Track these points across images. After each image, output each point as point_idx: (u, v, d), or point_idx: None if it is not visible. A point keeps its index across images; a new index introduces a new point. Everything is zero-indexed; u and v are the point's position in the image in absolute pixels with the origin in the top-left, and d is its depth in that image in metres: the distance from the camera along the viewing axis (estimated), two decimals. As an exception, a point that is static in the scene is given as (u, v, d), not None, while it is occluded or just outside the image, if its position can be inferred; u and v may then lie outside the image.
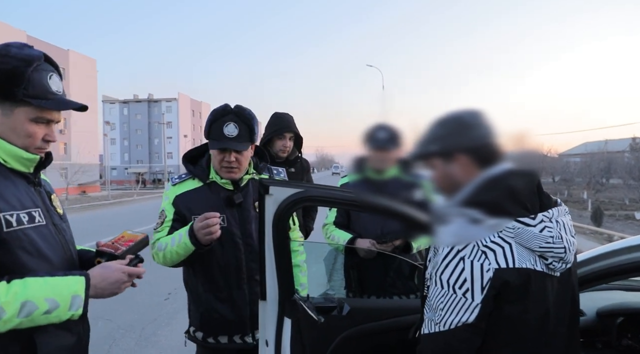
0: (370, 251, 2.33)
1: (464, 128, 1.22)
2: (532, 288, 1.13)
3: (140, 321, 5.04)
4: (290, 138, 3.02)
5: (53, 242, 1.33)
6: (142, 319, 5.12)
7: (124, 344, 4.42)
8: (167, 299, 5.83)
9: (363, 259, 2.38)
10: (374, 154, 2.28)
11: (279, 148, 2.98)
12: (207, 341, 2.02)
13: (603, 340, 1.97)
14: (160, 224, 1.99)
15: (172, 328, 4.84)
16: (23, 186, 1.31)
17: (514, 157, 1.22)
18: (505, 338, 1.15)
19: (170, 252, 1.88)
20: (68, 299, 1.23)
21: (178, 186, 2.02)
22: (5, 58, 1.24)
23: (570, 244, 1.17)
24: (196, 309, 2.04)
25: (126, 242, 1.46)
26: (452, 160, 1.22)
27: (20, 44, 1.31)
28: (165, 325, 4.94)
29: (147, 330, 4.80)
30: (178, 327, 4.89)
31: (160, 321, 5.07)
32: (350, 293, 2.51)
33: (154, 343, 4.48)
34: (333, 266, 2.90)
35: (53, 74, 1.31)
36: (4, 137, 1.27)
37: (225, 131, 1.89)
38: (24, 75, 1.23)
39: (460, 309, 1.13)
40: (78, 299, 1.25)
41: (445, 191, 1.27)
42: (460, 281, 1.12)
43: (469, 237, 1.14)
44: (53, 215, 1.38)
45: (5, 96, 1.24)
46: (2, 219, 1.19)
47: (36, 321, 1.19)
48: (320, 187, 1.68)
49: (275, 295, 1.66)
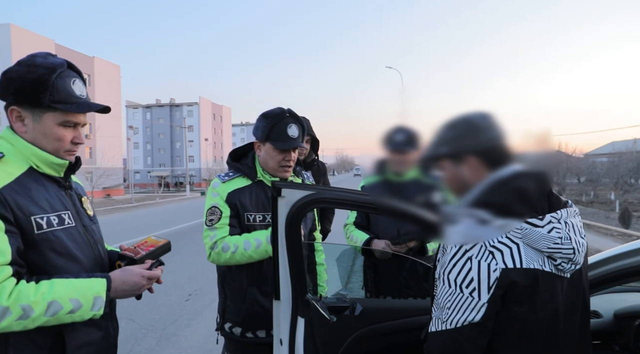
0: (385, 252, 2.35)
1: (474, 130, 1.23)
2: (540, 288, 1.13)
3: (161, 322, 5.15)
4: (307, 141, 3.07)
5: (82, 243, 1.40)
6: (164, 319, 5.23)
7: (146, 343, 4.52)
8: (187, 300, 5.93)
9: (379, 259, 2.41)
10: (393, 156, 2.30)
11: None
12: (246, 336, 2.09)
13: (620, 343, 1.94)
14: (217, 220, 2.04)
15: (193, 329, 4.93)
16: (54, 189, 1.38)
17: (526, 158, 1.23)
18: (514, 338, 1.16)
19: (242, 255, 1.98)
20: (90, 300, 1.30)
21: (228, 183, 2.11)
22: (31, 67, 1.31)
23: (579, 245, 1.18)
24: (237, 304, 2.10)
25: (148, 247, 1.52)
26: (462, 162, 1.24)
27: (44, 53, 1.38)
28: (185, 326, 5.03)
29: (168, 330, 4.90)
30: (198, 327, 4.99)
31: (180, 322, 5.16)
32: (367, 292, 2.54)
33: (175, 342, 4.57)
34: (352, 267, 2.93)
35: (76, 79, 1.37)
36: (36, 143, 1.34)
37: (289, 132, 2.03)
38: (48, 82, 1.30)
39: (467, 308, 1.15)
40: (100, 300, 1.32)
41: (455, 192, 1.29)
42: (467, 280, 1.14)
43: (477, 237, 1.16)
44: (83, 217, 1.46)
45: (33, 103, 1.31)
46: (33, 222, 1.26)
47: (61, 320, 1.26)
48: (331, 189, 1.71)
49: (288, 295, 1.69)
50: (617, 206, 21.96)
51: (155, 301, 5.70)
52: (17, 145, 1.33)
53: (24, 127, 1.34)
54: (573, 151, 38.12)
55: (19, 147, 1.33)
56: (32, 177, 1.33)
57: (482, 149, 1.22)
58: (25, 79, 1.29)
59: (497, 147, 1.22)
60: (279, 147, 2.03)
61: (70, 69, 1.38)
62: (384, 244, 2.36)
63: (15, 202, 1.24)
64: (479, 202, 1.16)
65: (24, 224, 1.25)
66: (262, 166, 2.12)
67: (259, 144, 2.11)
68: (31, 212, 1.27)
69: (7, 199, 1.23)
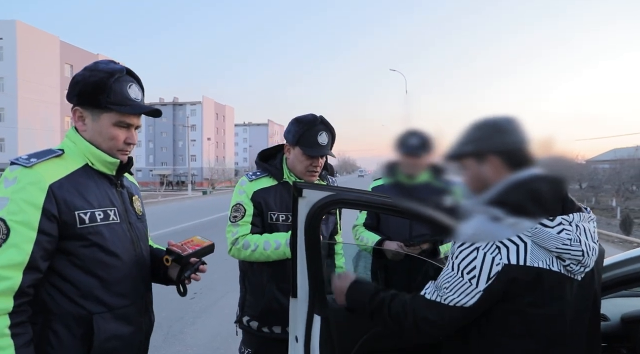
0: (398, 253, 2.38)
1: (499, 132, 1.29)
2: (544, 286, 1.19)
3: (168, 319, 5.20)
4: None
5: (124, 239, 1.47)
6: (170, 317, 5.28)
7: (153, 340, 4.51)
8: (193, 299, 5.98)
9: (390, 260, 2.44)
10: (406, 159, 2.33)
11: None
12: (262, 330, 2.16)
13: (627, 346, 1.98)
14: (241, 217, 2.12)
15: (198, 327, 4.99)
16: (105, 186, 1.47)
17: (544, 163, 1.28)
18: (517, 331, 1.23)
19: (261, 254, 2.06)
20: None
21: (255, 182, 2.19)
22: (93, 72, 1.43)
23: (589, 249, 1.22)
24: (256, 299, 2.17)
25: (194, 246, 1.60)
26: (485, 161, 1.29)
27: (107, 61, 1.50)
28: (191, 324, 5.09)
29: (175, 328, 4.95)
30: (204, 325, 5.04)
31: (186, 320, 5.22)
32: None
33: (181, 340, 4.62)
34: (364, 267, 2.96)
35: (133, 84, 1.48)
36: (93, 141, 1.44)
37: (319, 139, 2.11)
38: (106, 85, 1.41)
39: (462, 292, 1.23)
40: None
41: (474, 189, 1.35)
42: (470, 267, 1.22)
43: (490, 234, 1.22)
44: (130, 214, 1.54)
45: (92, 104, 1.42)
46: (76, 216, 1.34)
47: None
48: (350, 190, 1.76)
49: (305, 293, 1.73)
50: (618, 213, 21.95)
51: (162, 299, 5.71)
52: (78, 143, 1.44)
53: (84, 127, 1.45)
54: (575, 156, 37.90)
55: (79, 145, 1.44)
56: (86, 173, 1.43)
57: (506, 150, 1.28)
58: (88, 82, 1.41)
59: (519, 150, 1.28)
60: (308, 153, 2.10)
61: (129, 75, 1.49)
62: (396, 245, 2.40)
63: (63, 197, 1.32)
64: (495, 201, 1.22)
65: (68, 218, 1.33)
66: (290, 168, 2.20)
67: (289, 147, 2.19)
68: (76, 207, 1.35)
69: (56, 194, 1.31)
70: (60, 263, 1.34)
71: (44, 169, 1.33)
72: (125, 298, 1.46)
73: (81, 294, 1.35)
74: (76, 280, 1.35)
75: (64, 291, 1.34)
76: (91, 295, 1.37)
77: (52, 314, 1.32)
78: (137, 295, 1.52)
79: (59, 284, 1.34)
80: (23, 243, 1.25)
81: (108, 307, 1.40)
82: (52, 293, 1.33)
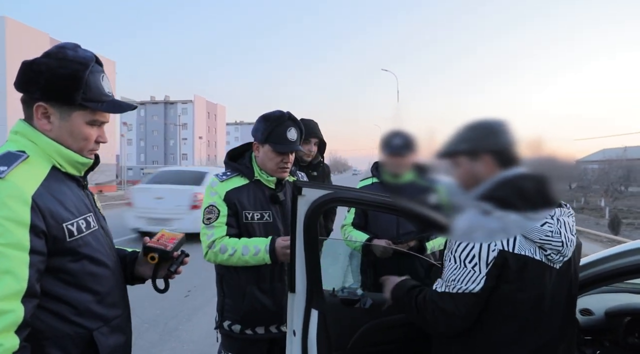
0: (386, 251, 2.46)
1: (491, 133, 1.39)
2: (528, 273, 1.35)
3: (163, 316, 5.23)
4: (315, 143, 3.18)
5: (105, 245, 1.36)
6: (165, 314, 5.31)
7: (149, 337, 4.60)
8: (187, 296, 6.01)
9: (379, 258, 2.51)
10: (390, 159, 2.41)
11: (303, 152, 3.13)
12: (245, 332, 2.12)
13: (610, 338, 2.07)
14: (215, 218, 2.07)
15: (193, 323, 5.02)
16: (76, 189, 1.31)
17: (530, 163, 1.35)
18: (505, 313, 1.38)
19: (239, 259, 2.02)
20: None
21: (226, 182, 2.14)
22: (62, 61, 1.21)
23: (568, 241, 1.38)
24: (236, 302, 2.13)
25: (169, 239, 1.55)
26: (478, 159, 1.40)
27: (72, 44, 1.28)
28: (186, 320, 5.12)
29: (170, 325, 4.99)
30: (199, 322, 5.08)
31: (181, 317, 5.25)
32: (365, 290, 2.64)
33: (176, 336, 4.66)
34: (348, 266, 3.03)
35: (103, 74, 1.29)
36: (60, 141, 1.25)
37: (288, 135, 2.10)
38: (82, 79, 1.21)
39: (469, 280, 1.37)
40: None
41: (464, 185, 1.44)
42: (470, 256, 1.37)
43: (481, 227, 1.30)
44: (99, 217, 1.40)
45: (64, 100, 1.22)
46: (65, 229, 1.19)
47: None
48: (347, 189, 1.83)
49: (303, 288, 1.79)
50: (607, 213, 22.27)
51: (156, 296, 5.71)
52: (40, 143, 1.23)
53: (49, 125, 1.24)
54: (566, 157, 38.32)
55: (42, 145, 1.23)
56: (56, 177, 1.24)
57: (498, 150, 1.38)
58: (58, 74, 1.20)
59: (509, 150, 1.37)
60: (278, 149, 2.09)
61: (97, 63, 1.28)
62: (385, 243, 2.47)
63: (48, 209, 1.16)
64: (486, 196, 1.30)
65: (57, 232, 1.17)
66: (260, 166, 2.17)
67: (257, 145, 2.17)
68: (63, 218, 1.19)
69: (40, 206, 1.14)
70: (49, 283, 1.17)
71: (18, 178, 1.13)
72: (117, 307, 1.38)
73: (77, 313, 1.23)
74: (70, 298, 1.22)
75: (58, 312, 1.20)
76: (87, 311, 1.25)
77: (45, 339, 1.18)
78: (124, 303, 1.44)
79: (51, 305, 1.18)
80: (18, 268, 1.07)
81: (104, 320, 1.31)
82: (42, 317, 1.16)
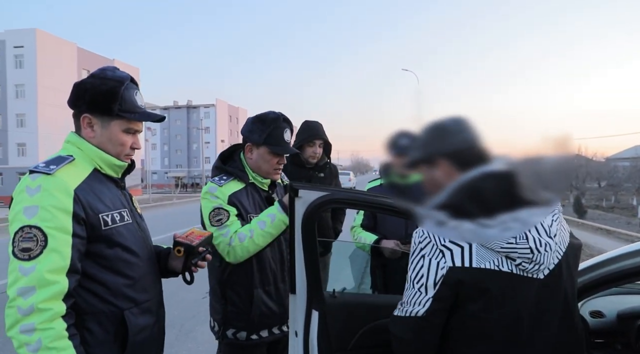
0: (395, 251, 2.44)
1: (444, 134, 1.25)
2: (492, 288, 1.14)
3: (180, 318, 5.32)
4: (320, 145, 3.19)
5: (138, 238, 1.57)
6: (182, 315, 5.41)
7: (166, 338, 4.67)
8: (204, 298, 6.10)
9: (388, 259, 2.50)
10: (397, 159, 2.39)
11: (309, 154, 3.15)
12: (251, 338, 2.09)
13: (622, 342, 2.00)
14: (227, 218, 2.01)
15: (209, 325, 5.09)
16: (114, 189, 1.56)
17: (505, 160, 1.19)
18: (471, 337, 1.20)
19: (260, 236, 1.96)
20: None
21: (225, 186, 2.10)
22: (103, 80, 1.49)
23: (541, 245, 1.15)
24: (242, 309, 2.09)
25: (197, 236, 1.71)
26: (434, 164, 1.26)
27: (112, 67, 1.57)
28: (203, 322, 5.18)
29: (187, 326, 5.07)
30: (215, 324, 5.14)
31: (198, 318, 5.33)
32: (375, 291, 2.63)
33: (193, 338, 4.73)
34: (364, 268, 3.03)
35: (137, 91, 1.57)
36: (101, 147, 1.51)
37: (285, 137, 2.10)
38: (118, 93, 1.48)
39: (415, 302, 1.22)
40: None
41: (433, 194, 1.26)
42: (419, 276, 1.21)
43: (438, 238, 1.19)
44: (135, 215, 1.63)
45: (104, 111, 1.49)
46: (101, 219, 1.43)
47: None
48: (344, 190, 1.83)
49: (303, 289, 1.79)
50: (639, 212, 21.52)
51: (174, 297, 5.87)
52: (85, 149, 1.50)
53: (92, 133, 1.51)
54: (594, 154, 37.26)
55: (86, 150, 1.50)
56: (97, 177, 1.50)
57: (452, 152, 1.23)
58: (99, 90, 1.47)
59: (467, 150, 1.22)
60: (277, 151, 2.08)
61: (132, 82, 1.56)
62: (393, 243, 2.46)
63: (87, 202, 1.40)
64: (443, 205, 1.14)
65: (94, 221, 1.41)
66: (253, 168, 2.14)
67: (251, 147, 2.13)
68: (99, 210, 1.43)
69: (81, 198, 1.39)
70: (89, 265, 1.41)
71: (65, 175, 1.39)
72: (148, 292, 1.57)
73: (111, 293, 1.44)
74: (105, 280, 1.43)
75: (96, 292, 1.42)
76: (120, 293, 1.46)
77: (86, 314, 1.41)
78: (155, 289, 1.64)
79: (90, 285, 1.41)
80: (62, 247, 1.31)
81: (135, 302, 1.50)
82: (83, 295, 1.40)
